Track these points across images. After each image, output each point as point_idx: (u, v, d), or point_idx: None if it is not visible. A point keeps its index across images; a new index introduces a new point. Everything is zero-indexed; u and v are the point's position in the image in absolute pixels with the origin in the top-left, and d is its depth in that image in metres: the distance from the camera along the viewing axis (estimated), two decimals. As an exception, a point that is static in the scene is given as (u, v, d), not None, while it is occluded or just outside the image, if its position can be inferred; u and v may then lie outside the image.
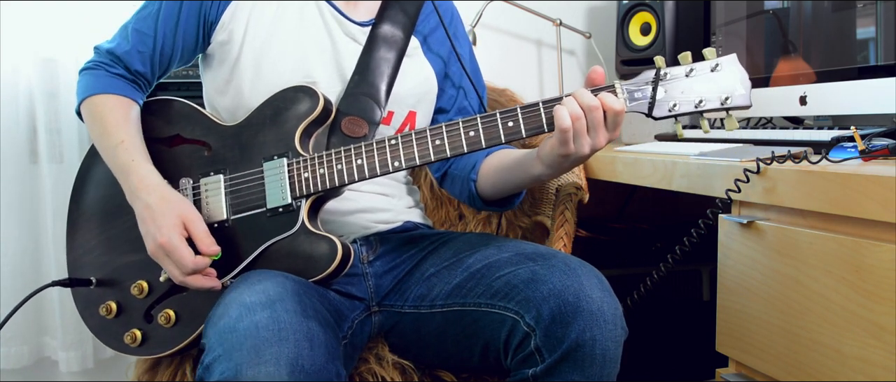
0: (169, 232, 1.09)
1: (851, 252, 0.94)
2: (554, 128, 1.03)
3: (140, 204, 1.12)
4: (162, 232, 1.09)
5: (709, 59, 1.04)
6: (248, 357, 0.90)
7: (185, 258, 1.08)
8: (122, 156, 1.16)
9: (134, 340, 1.17)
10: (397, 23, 1.27)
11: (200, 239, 1.10)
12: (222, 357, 0.92)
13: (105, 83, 1.23)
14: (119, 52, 1.24)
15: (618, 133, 1.04)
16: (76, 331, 1.83)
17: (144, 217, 1.12)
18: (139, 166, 1.15)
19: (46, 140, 1.80)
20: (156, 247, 1.09)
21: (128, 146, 1.17)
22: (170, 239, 1.08)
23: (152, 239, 1.10)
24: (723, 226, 1.16)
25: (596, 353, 0.99)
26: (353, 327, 1.19)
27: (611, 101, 1.02)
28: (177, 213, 1.10)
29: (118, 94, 1.22)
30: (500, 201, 1.26)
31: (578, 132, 1.02)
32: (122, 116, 1.20)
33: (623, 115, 1.02)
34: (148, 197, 1.12)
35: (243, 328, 0.93)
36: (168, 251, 1.08)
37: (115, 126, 1.19)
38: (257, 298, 0.98)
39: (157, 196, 1.12)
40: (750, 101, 1.03)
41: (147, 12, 1.25)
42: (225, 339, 0.93)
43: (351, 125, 1.20)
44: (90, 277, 1.22)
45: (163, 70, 1.28)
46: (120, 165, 1.16)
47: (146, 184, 1.13)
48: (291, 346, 0.92)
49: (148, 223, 1.11)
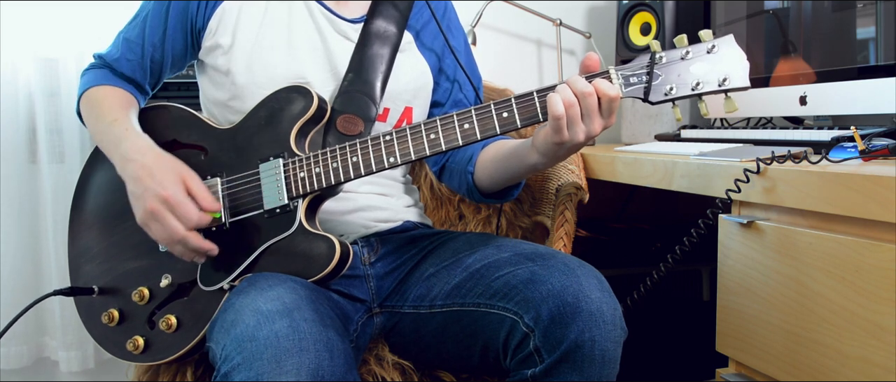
0: (172, 186, 1.07)
1: (851, 252, 0.94)
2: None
3: (134, 166, 1.10)
4: (165, 185, 1.06)
5: (705, 41, 1.02)
6: (269, 366, 0.90)
7: (190, 211, 1.07)
8: (115, 130, 1.15)
9: (136, 347, 1.17)
10: (389, 18, 1.26)
11: (201, 194, 1.09)
12: (242, 366, 0.91)
13: (105, 78, 1.25)
14: (109, 60, 1.26)
15: (613, 120, 1.02)
16: (76, 332, 1.83)
17: (141, 175, 1.09)
18: (132, 134, 1.14)
19: (46, 140, 1.80)
20: (158, 202, 1.06)
21: (121, 122, 1.16)
22: (174, 193, 1.06)
23: (154, 194, 1.07)
24: (723, 226, 1.16)
25: (595, 354, 0.99)
26: (358, 329, 1.19)
27: (605, 87, 1.00)
28: (176, 169, 1.09)
29: (116, 87, 1.24)
30: (499, 192, 1.25)
31: (572, 119, 1.00)
32: (118, 102, 1.21)
33: (618, 101, 1.01)
34: (143, 157, 1.10)
35: (263, 337, 0.93)
36: (173, 205, 1.06)
37: (110, 108, 1.19)
38: (274, 306, 0.97)
39: (153, 155, 1.11)
40: (748, 82, 1.00)
41: (136, 21, 1.26)
42: (244, 348, 0.93)
43: (346, 123, 1.19)
44: (92, 285, 1.22)
45: (156, 78, 1.28)
46: (113, 137, 1.15)
47: (138, 147, 1.12)
48: (312, 356, 0.92)
49: (146, 180, 1.08)
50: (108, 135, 1.16)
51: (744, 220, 1.11)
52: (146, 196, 1.08)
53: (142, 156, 1.10)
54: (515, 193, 1.28)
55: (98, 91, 1.24)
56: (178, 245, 1.09)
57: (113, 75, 1.26)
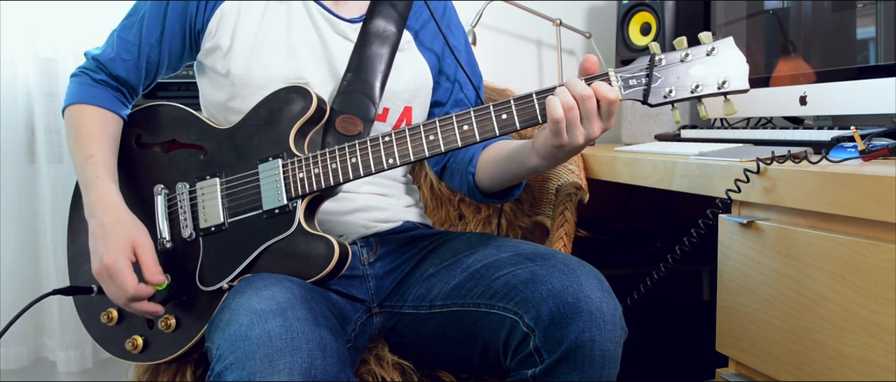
0: (115, 254, 1.08)
1: (851, 252, 0.93)
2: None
3: (94, 222, 1.12)
4: (109, 253, 1.08)
5: (705, 43, 1.02)
6: (262, 366, 0.90)
7: (127, 282, 1.08)
8: (88, 171, 1.16)
9: (135, 347, 1.17)
10: (389, 18, 1.26)
11: (147, 265, 1.10)
12: (235, 366, 0.91)
13: (88, 93, 1.22)
14: (103, 60, 1.24)
15: (612, 122, 1.02)
16: (75, 332, 1.83)
17: (96, 235, 1.11)
18: (102, 183, 1.14)
19: (45, 140, 1.80)
20: (101, 268, 1.09)
21: (96, 160, 1.16)
22: (115, 262, 1.08)
23: (99, 258, 1.09)
24: (723, 226, 1.16)
25: (595, 354, 0.99)
26: (356, 329, 1.19)
27: (604, 90, 1.00)
28: (127, 237, 1.10)
29: (99, 106, 1.22)
30: (500, 193, 1.25)
31: (571, 122, 1.00)
32: (97, 130, 1.19)
33: (617, 104, 1.00)
34: (104, 216, 1.11)
35: (256, 336, 0.93)
36: (112, 273, 1.08)
37: (87, 139, 1.18)
38: (267, 305, 0.97)
39: (112, 217, 1.11)
40: (748, 85, 1.00)
41: (132, 20, 1.24)
42: (237, 347, 0.93)
43: (345, 123, 1.19)
44: (91, 285, 1.22)
45: (150, 78, 1.27)
46: (85, 179, 1.16)
47: (104, 203, 1.13)
48: (304, 356, 0.92)
49: (98, 241, 1.10)
50: (82, 172, 1.17)
51: (744, 220, 1.10)
52: (95, 257, 1.11)
53: (103, 215, 1.11)
54: (516, 193, 1.28)
55: (82, 112, 1.21)
56: (126, 307, 1.11)
57: (96, 86, 1.23)
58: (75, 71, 1.26)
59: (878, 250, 0.90)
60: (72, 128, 1.21)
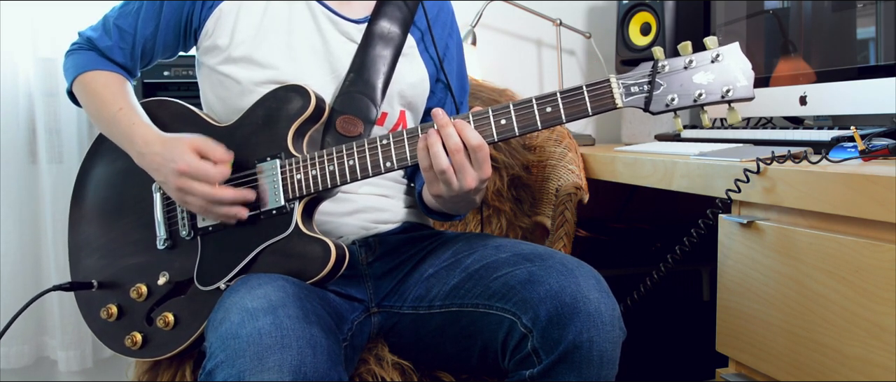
0: (184, 156, 1.09)
1: (851, 252, 0.93)
2: (547, 127, 1.03)
3: (149, 157, 1.14)
4: (177, 160, 1.09)
5: (710, 49, 0.99)
6: (251, 364, 0.90)
7: (209, 171, 1.09)
8: (122, 122, 1.18)
9: (134, 343, 1.17)
10: (394, 19, 1.26)
11: (212, 151, 1.11)
12: (225, 364, 0.91)
13: (95, 61, 1.25)
14: (101, 47, 1.25)
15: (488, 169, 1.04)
16: (75, 331, 1.84)
17: (157, 163, 1.12)
18: (139, 127, 1.17)
19: (46, 140, 1.81)
20: (178, 177, 1.10)
21: (126, 111, 1.18)
22: (189, 163, 1.09)
23: (172, 171, 1.10)
24: (723, 226, 1.16)
25: (593, 354, 0.99)
26: (353, 329, 1.18)
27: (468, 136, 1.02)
28: (184, 142, 1.12)
29: (109, 70, 1.24)
30: (439, 213, 1.25)
31: (451, 169, 1.03)
32: (116, 88, 1.22)
33: (486, 150, 1.03)
34: (154, 147, 1.13)
35: (246, 334, 0.93)
36: (191, 173, 1.09)
37: (112, 96, 1.20)
38: (259, 304, 0.97)
39: (161, 141, 1.14)
40: (752, 93, 0.98)
41: (128, 10, 1.26)
42: (227, 345, 0.93)
43: (346, 124, 1.19)
44: (91, 279, 1.22)
45: (146, 62, 1.29)
46: (122, 132, 1.18)
47: (148, 139, 1.15)
48: (294, 353, 0.92)
49: (162, 164, 1.11)
50: (115, 125, 1.19)
51: (744, 220, 1.10)
52: (169, 178, 1.11)
53: (151, 147, 1.13)
54: (456, 219, 1.31)
55: (95, 77, 1.24)
56: (217, 205, 1.11)
57: (104, 59, 1.26)
58: (72, 47, 1.28)
59: (878, 250, 0.90)
60: (88, 95, 1.23)
